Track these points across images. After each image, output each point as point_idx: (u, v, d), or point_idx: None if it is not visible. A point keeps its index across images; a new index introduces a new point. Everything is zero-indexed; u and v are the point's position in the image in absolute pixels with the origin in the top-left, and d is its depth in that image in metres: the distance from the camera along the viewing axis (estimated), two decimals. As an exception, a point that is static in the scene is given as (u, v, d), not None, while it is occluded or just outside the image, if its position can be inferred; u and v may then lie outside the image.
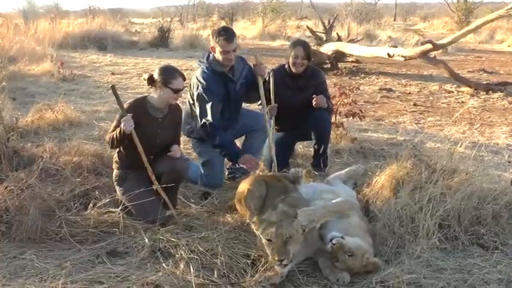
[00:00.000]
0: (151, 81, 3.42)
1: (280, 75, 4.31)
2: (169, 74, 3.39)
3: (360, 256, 2.74)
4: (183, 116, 3.87)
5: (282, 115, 4.29)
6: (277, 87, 4.22)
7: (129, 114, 3.25)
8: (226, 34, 3.86)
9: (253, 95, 4.16)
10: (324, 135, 4.33)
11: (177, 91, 3.38)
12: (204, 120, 3.91)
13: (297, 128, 4.39)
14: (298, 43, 4.36)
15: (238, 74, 4.09)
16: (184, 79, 3.46)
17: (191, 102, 4.07)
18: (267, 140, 4.16)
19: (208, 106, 3.88)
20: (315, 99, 4.17)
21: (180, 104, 3.73)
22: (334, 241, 2.75)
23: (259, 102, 4.13)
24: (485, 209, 3.21)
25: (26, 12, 21.33)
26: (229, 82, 4.03)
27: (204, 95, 3.90)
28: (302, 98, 4.27)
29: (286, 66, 4.39)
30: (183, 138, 4.16)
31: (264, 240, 2.76)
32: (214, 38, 3.90)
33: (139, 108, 3.41)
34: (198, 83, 3.94)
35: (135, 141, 3.25)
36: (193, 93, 4.01)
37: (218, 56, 3.93)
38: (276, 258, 2.64)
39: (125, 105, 3.40)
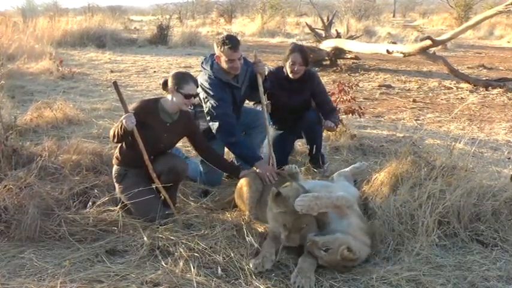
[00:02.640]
0: (165, 85, 3.44)
1: (276, 77, 4.29)
2: (181, 79, 3.38)
3: (336, 249, 2.71)
4: None
5: (280, 116, 4.33)
6: (274, 88, 4.20)
7: (131, 111, 3.25)
8: (231, 43, 3.77)
9: (253, 93, 4.15)
10: (314, 135, 4.36)
11: (188, 96, 3.37)
12: (218, 123, 3.85)
13: (295, 127, 4.39)
14: (296, 49, 4.24)
15: (242, 79, 4.04)
16: (197, 85, 3.46)
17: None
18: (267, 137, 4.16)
19: (221, 111, 3.83)
20: (324, 125, 4.26)
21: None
22: (307, 240, 2.80)
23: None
24: (485, 205, 3.20)
25: (24, 10, 21.33)
26: (234, 89, 3.99)
27: (215, 102, 3.84)
28: (299, 100, 4.30)
29: (284, 69, 4.35)
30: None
31: (278, 218, 2.91)
32: (219, 47, 3.81)
33: (151, 109, 3.41)
34: (207, 90, 3.87)
35: (136, 139, 3.24)
36: (200, 98, 3.94)
37: (224, 65, 3.85)
38: (287, 244, 2.86)
39: (137, 104, 3.41)
